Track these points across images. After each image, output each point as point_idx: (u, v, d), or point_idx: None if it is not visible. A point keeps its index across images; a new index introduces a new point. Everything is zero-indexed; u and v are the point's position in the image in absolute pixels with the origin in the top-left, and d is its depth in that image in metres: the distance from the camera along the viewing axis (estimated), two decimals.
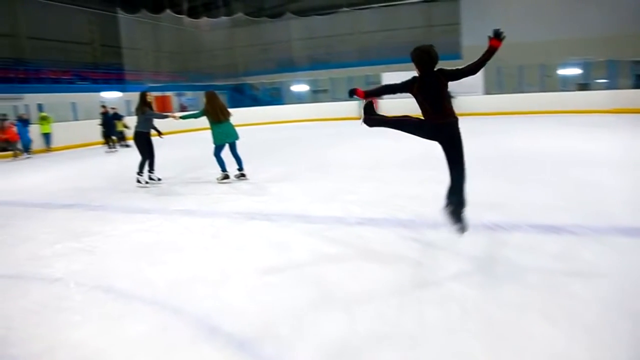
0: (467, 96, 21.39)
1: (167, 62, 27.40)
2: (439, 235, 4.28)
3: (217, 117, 7.64)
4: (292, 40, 30.34)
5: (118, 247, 4.71)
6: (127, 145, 16.74)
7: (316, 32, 29.12)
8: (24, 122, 16.58)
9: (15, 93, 19.77)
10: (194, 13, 28.68)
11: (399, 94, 3.86)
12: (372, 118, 4.08)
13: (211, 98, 7.81)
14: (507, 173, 7.15)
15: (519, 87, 21.59)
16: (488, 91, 21.85)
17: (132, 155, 13.40)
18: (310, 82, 29.52)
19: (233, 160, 7.83)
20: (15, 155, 14.92)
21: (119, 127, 17.39)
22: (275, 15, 30.22)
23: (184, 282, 3.64)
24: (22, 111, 17.31)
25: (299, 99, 28.67)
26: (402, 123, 3.94)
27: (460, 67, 3.69)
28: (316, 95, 29.53)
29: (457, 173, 3.86)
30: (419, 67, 3.71)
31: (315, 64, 28.96)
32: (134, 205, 6.59)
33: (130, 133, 10.84)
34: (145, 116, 8.05)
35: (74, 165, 12.36)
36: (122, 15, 23.79)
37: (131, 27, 24.50)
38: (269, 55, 31.07)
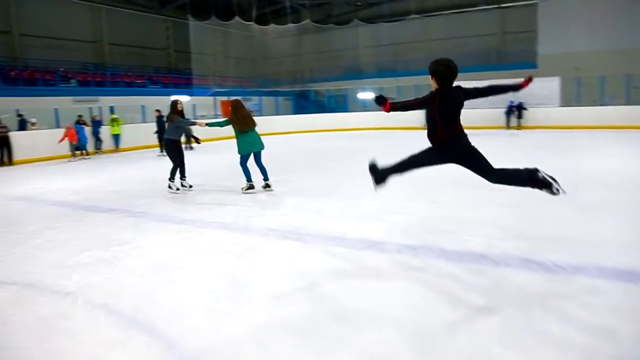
0: (541, 108, 20.03)
1: (234, 67, 27.97)
2: (483, 274, 3.70)
3: (243, 126, 7.47)
4: (359, 48, 30.06)
5: (140, 260, 4.51)
6: (191, 148, 17.11)
7: (384, 39, 28.60)
8: (96, 123, 17.43)
9: (92, 96, 20.90)
10: (262, 20, 29.10)
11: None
12: (382, 176, 3.99)
13: (237, 107, 7.63)
14: (580, 199, 6.29)
15: (600, 99, 19.85)
16: (565, 103, 20.28)
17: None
18: (376, 90, 28.98)
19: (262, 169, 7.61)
20: (73, 156, 15.48)
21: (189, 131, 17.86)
22: (343, 22, 30.05)
23: (189, 309, 3.33)
24: (95, 113, 18.17)
25: (364, 106, 28.21)
26: (411, 162, 3.85)
27: (479, 87, 3.65)
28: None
29: (500, 174, 3.70)
30: (439, 80, 3.55)
31: (382, 72, 28.45)
32: (172, 214, 6.46)
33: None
34: (175, 124, 8.10)
35: (129, 168, 12.67)
36: (192, 22, 24.50)
37: (201, 33, 25.24)
38: (335, 62, 30.95)
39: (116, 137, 17.94)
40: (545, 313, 3.01)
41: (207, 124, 8.22)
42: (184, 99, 24.30)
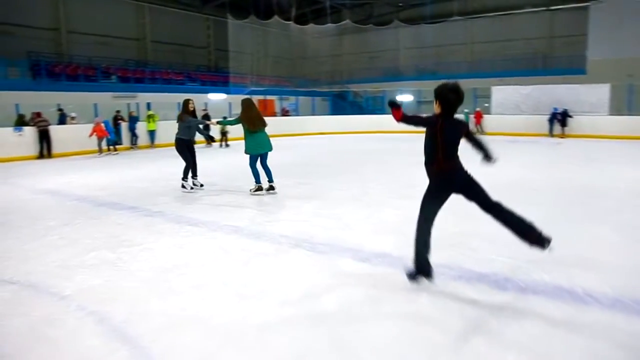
0: (587, 115, 19.04)
1: (272, 66, 27.97)
2: (505, 300, 3.32)
3: (252, 125, 7.34)
4: (399, 49, 29.52)
5: (145, 264, 4.35)
6: (227, 145, 17.22)
7: (424, 41, 27.94)
8: (133, 119, 17.71)
9: (131, 92, 21.30)
10: (301, 20, 29.00)
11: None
12: (420, 272, 3.51)
13: (247, 106, 7.50)
14: (622, 218, 5.75)
15: None
16: (615, 111, 19.17)
17: (210, 158, 13.64)
18: (415, 93, 28.45)
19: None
20: (100, 151, 15.65)
21: (222, 129, 17.96)
22: (384, 23, 29.56)
23: (179, 324, 3.11)
24: (133, 109, 18.47)
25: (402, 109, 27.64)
26: (424, 226, 3.50)
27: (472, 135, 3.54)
28: (421, 106, 28.37)
29: (499, 209, 3.49)
30: (445, 106, 3.27)
31: (422, 74, 27.84)
32: (189, 215, 6.31)
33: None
34: (186, 123, 8.07)
35: (159, 165, 12.70)
36: (231, 20, 24.64)
37: (239, 32, 25.33)
38: (374, 64, 30.51)
39: (152, 133, 18.17)
40: (571, 352, 2.63)
41: (217, 122, 8.19)
42: (220, 97, 24.59)
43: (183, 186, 8.17)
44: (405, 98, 27.84)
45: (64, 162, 13.85)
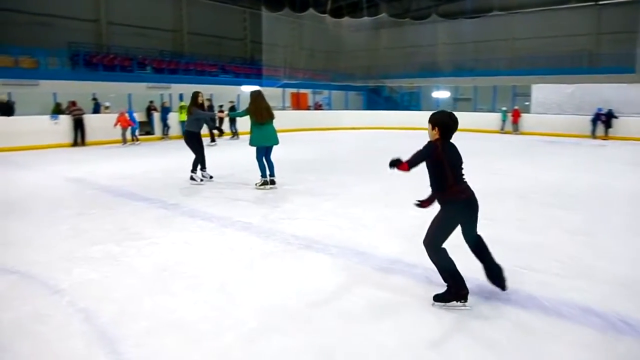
0: (635, 117, 18.01)
1: (306, 59, 27.69)
2: (522, 322, 2.98)
3: (259, 117, 7.24)
4: (437, 44, 28.73)
5: (147, 260, 4.20)
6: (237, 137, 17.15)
7: (463, 37, 27.04)
8: (165, 109, 17.85)
9: (165, 83, 21.48)
10: (337, 13, 28.59)
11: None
12: (456, 297, 3.22)
13: (256, 98, 7.43)
14: None
15: None
16: None
17: (233, 150, 13.54)
18: (452, 89, 27.67)
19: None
20: (124, 141, 15.74)
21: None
22: (421, 17, 28.79)
23: (165, 328, 2.92)
24: (166, 99, 18.61)
25: (438, 105, 26.94)
26: (441, 244, 3.26)
27: None
28: (457, 103, 27.59)
29: (482, 242, 3.45)
30: (443, 130, 3.20)
31: (460, 71, 27.01)
32: (203, 209, 6.14)
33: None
34: (195, 116, 8.07)
35: (184, 156, 12.61)
36: (265, 12, 24.51)
37: (274, 24, 25.16)
38: (411, 59, 29.78)
39: (183, 124, 18.23)
40: None
41: (228, 114, 8.40)
42: (253, 89, 24.55)
43: (192, 178, 8.13)
44: (441, 94, 27.15)
45: (95, 151, 14.02)
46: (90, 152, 13.56)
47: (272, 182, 7.51)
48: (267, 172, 7.51)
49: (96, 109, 17.38)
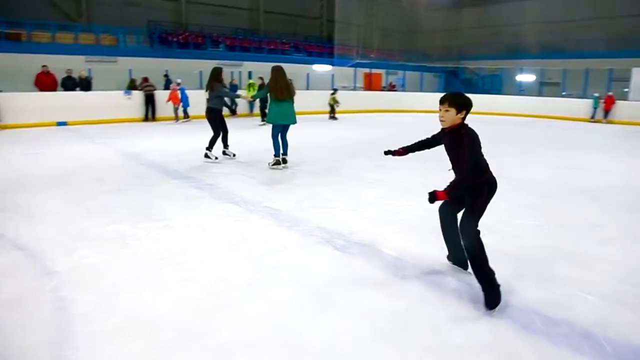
0: None
1: (380, 39, 26.72)
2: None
3: (278, 93, 7.06)
4: (523, 24, 26.50)
5: (153, 245, 3.92)
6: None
7: (553, 16, 24.70)
8: (233, 87, 17.90)
9: (237, 60, 21.62)
10: None
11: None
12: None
13: (276, 74, 7.17)
14: None
15: None
16: None
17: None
18: (537, 72, 25.49)
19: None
20: (176, 119, 15.74)
21: (330, 101, 17.59)
22: None
23: (135, 327, 2.59)
24: (235, 77, 18.68)
25: (522, 90, 24.97)
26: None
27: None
28: (543, 87, 25.43)
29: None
30: (467, 114, 2.95)
31: (547, 52, 24.79)
32: (235, 192, 5.84)
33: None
34: (217, 93, 7.83)
35: (243, 135, 12.50)
36: None
37: (348, 2, 24.40)
38: (493, 39, 27.82)
39: (250, 102, 18.23)
40: None
41: (252, 97, 8.20)
42: (325, 68, 24.05)
43: (207, 156, 7.92)
44: (525, 78, 25.11)
45: (161, 126, 14.30)
46: (156, 128, 13.85)
47: (284, 161, 7.41)
48: (281, 151, 7.38)
49: (167, 86, 17.79)
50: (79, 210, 4.97)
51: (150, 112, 15.98)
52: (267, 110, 8.05)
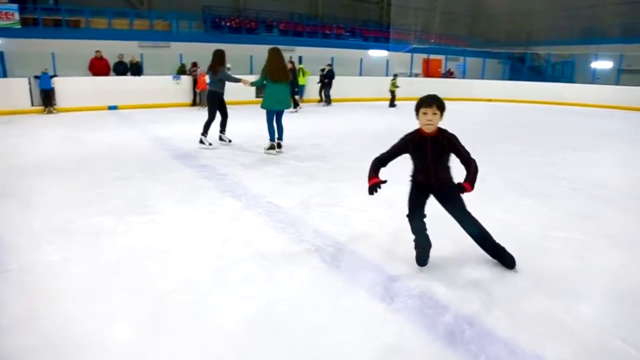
0: None
1: (440, 23, 25.36)
2: None
3: (275, 75, 6.97)
4: (600, 5, 24.13)
5: (128, 242, 3.58)
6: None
7: None
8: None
9: (290, 45, 21.21)
10: None
11: None
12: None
13: (273, 55, 7.11)
14: None
15: None
16: None
17: (311, 121, 12.56)
18: (616, 59, 23.14)
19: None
20: (203, 105, 15.09)
21: (391, 87, 16.94)
22: None
23: (43, 351, 2.21)
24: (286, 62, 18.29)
25: (596, 77, 22.83)
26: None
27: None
28: (622, 75, 23.09)
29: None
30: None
31: (628, 37, 22.42)
32: (243, 184, 5.42)
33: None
34: (219, 76, 7.65)
35: (285, 121, 12.09)
36: None
37: None
38: (566, 22, 25.59)
39: (300, 88, 17.83)
40: None
41: (251, 83, 7.80)
42: (381, 53, 23.13)
43: (202, 141, 7.75)
44: (601, 65, 22.90)
45: (202, 112, 14.20)
46: (199, 113, 13.75)
47: (279, 146, 7.36)
48: (276, 135, 7.31)
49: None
50: (76, 198, 4.77)
51: (198, 97, 15.96)
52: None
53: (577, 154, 7.91)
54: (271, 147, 7.28)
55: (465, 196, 2.98)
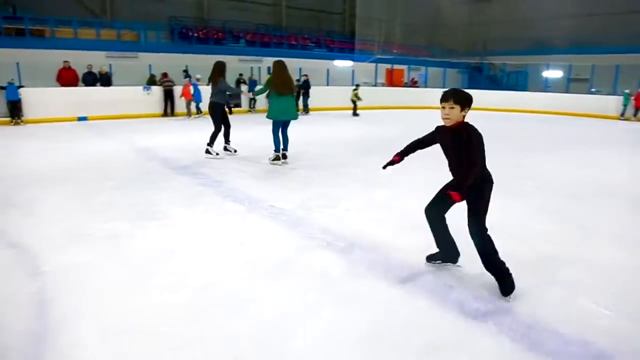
0: None
1: (402, 34, 26.26)
2: None
3: (280, 88, 7.05)
4: (551, 18, 25.63)
5: (145, 245, 3.79)
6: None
7: (583, 9, 23.76)
8: (252, 82, 17.79)
9: (257, 56, 21.49)
10: None
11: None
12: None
13: (278, 68, 7.19)
14: None
15: None
16: None
17: (306, 129, 12.90)
18: (565, 68, 24.61)
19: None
20: (189, 114, 15.63)
21: (352, 97, 17.41)
22: None
23: (122, 335, 2.44)
24: (255, 72, 18.56)
25: (548, 86, 24.21)
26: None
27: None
28: (571, 84, 24.54)
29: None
30: (469, 110, 2.93)
31: (576, 47, 23.88)
32: (241, 189, 5.68)
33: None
34: (220, 87, 7.77)
35: (259, 130, 12.32)
36: None
37: None
38: (520, 34, 26.98)
39: (252, 98, 18.09)
40: None
41: (253, 93, 8.11)
42: (346, 64, 23.77)
43: (208, 152, 7.84)
44: (552, 74, 24.32)
45: (178, 122, 14.30)
46: (172, 123, 13.85)
47: (284, 157, 7.40)
48: (281, 147, 7.36)
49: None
50: (81, 205, 4.90)
51: (169, 108, 16.01)
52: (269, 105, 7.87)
53: (539, 157, 8.58)
54: (276, 158, 7.31)
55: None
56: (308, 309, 2.76)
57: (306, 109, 17.73)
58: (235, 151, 8.19)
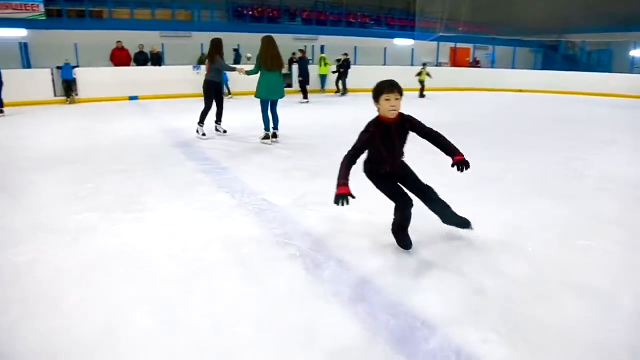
0: None
1: (470, 10, 24.47)
2: None
3: (268, 64, 6.95)
4: None
5: (105, 242, 3.40)
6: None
7: None
8: (303, 61, 17.23)
9: (313, 34, 20.90)
10: None
11: None
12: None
13: (267, 43, 7.08)
14: None
15: None
16: None
17: (326, 111, 12.21)
18: None
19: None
20: (229, 93, 15.10)
21: (421, 77, 16.38)
22: None
23: None
24: (309, 51, 17.97)
25: (635, 67, 21.71)
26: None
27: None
28: None
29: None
30: None
31: None
32: (241, 178, 5.21)
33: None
34: (217, 66, 7.59)
35: (306, 112, 11.89)
36: None
37: None
38: (604, 9, 24.32)
39: (322, 78, 17.54)
40: None
41: (246, 72, 7.62)
42: (407, 42, 22.49)
43: (197, 132, 7.70)
44: None
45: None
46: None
47: (275, 136, 7.31)
48: (271, 125, 7.27)
49: (237, 60, 17.60)
50: (69, 192, 4.66)
51: (225, 87, 15.83)
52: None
53: (611, 149, 7.37)
54: (266, 137, 7.24)
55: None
56: None
57: (345, 90, 16.91)
58: (225, 132, 8.00)
